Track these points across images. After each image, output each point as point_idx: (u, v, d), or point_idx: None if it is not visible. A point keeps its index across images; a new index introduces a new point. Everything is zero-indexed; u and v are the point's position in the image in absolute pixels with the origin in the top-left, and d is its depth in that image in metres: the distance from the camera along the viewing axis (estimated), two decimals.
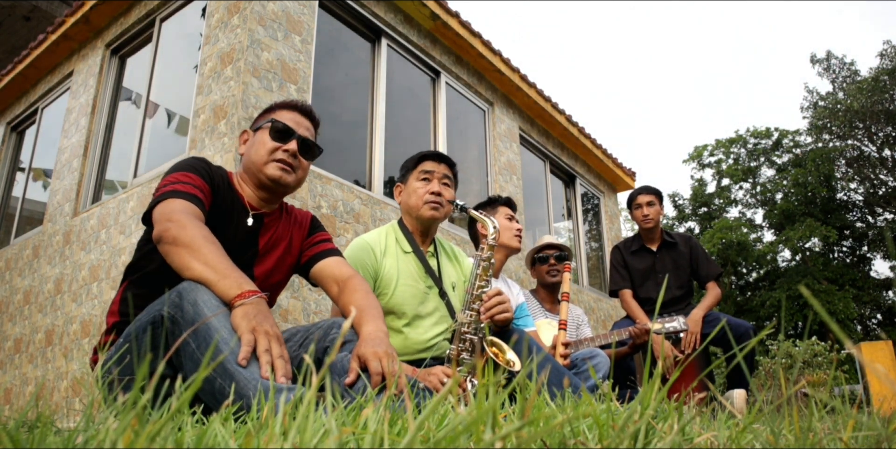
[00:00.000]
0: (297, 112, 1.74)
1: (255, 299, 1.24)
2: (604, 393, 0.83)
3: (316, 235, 1.79)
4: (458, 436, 0.46)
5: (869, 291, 21.99)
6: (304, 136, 1.70)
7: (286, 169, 1.65)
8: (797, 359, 12.91)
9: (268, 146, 1.66)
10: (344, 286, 1.61)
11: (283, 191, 1.70)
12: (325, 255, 1.73)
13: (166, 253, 1.34)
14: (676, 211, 27.49)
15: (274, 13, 4.17)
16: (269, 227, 1.70)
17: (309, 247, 1.76)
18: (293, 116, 1.72)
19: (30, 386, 4.61)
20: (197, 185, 1.51)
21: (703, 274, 3.56)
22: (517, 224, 2.77)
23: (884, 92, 21.45)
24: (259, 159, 1.66)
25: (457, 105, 6.06)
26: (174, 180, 1.50)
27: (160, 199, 1.44)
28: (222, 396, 1.11)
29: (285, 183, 1.66)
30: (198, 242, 1.31)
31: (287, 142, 1.67)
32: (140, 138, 4.77)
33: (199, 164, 1.59)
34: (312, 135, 1.76)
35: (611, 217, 8.69)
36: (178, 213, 1.38)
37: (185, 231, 1.33)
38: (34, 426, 0.82)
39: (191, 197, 1.46)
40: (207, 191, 1.54)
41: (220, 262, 1.30)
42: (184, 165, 1.56)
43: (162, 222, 1.37)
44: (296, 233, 1.76)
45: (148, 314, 1.31)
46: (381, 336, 1.38)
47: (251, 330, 1.18)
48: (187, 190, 1.47)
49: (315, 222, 1.84)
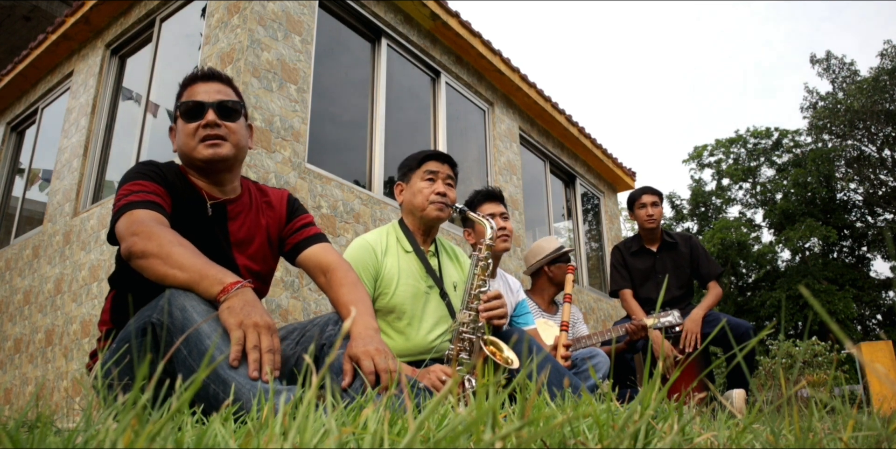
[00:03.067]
0: (200, 82, 1.61)
1: (238, 290, 1.22)
2: (604, 393, 0.83)
3: (297, 219, 1.72)
4: (458, 436, 0.46)
5: (869, 291, 22.00)
6: (215, 100, 1.57)
7: (214, 143, 1.55)
8: (797, 359, 12.91)
9: (187, 130, 1.56)
10: (331, 278, 1.57)
11: (224, 166, 1.59)
12: (310, 242, 1.67)
13: (140, 268, 1.31)
14: (674, 211, 27.50)
15: (274, 13, 4.17)
16: (236, 213, 1.63)
17: (291, 234, 1.69)
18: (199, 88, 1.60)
19: (30, 386, 4.61)
20: (151, 190, 1.46)
21: (703, 273, 3.56)
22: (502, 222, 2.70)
23: (884, 92, 21.45)
24: (186, 147, 1.57)
25: (457, 105, 6.06)
26: (127, 192, 1.44)
27: (118, 215, 1.39)
28: (217, 402, 1.11)
29: (221, 157, 1.55)
30: (166, 249, 1.27)
31: (202, 116, 1.55)
32: (140, 138, 4.77)
33: (148, 168, 1.52)
34: (228, 95, 1.62)
35: (611, 217, 8.69)
36: (140, 225, 1.33)
37: (151, 241, 1.29)
38: (34, 426, 0.82)
39: (149, 204, 1.41)
40: (164, 193, 1.49)
41: (193, 262, 1.26)
42: (132, 174, 1.50)
43: (127, 238, 1.33)
44: (272, 217, 1.70)
45: (138, 321, 1.29)
46: (371, 333, 1.36)
47: (238, 325, 1.16)
48: (143, 198, 1.42)
49: (293, 204, 1.75)
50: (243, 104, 1.66)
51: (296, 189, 3.97)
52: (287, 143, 4.00)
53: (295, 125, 4.10)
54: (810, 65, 23.99)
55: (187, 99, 1.59)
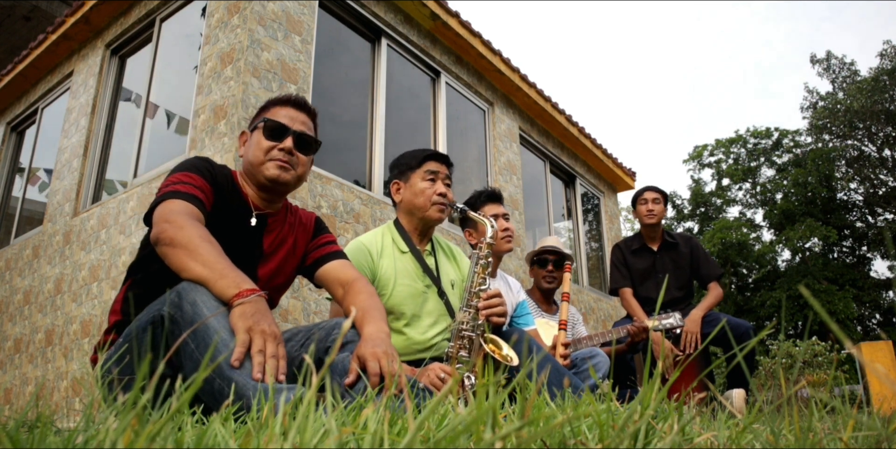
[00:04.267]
0: (290, 107, 1.70)
1: (253, 298, 1.24)
2: (604, 393, 0.83)
3: (321, 237, 1.78)
4: (458, 436, 0.46)
5: (869, 291, 22.00)
6: (299, 130, 1.67)
7: (284, 167, 1.63)
8: (797, 359, 12.91)
9: (263, 146, 1.64)
10: (349, 289, 1.61)
11: (283, 189, 1.68)
12: (330, 257, 1.72)
13: (164, 254, 1.34)
14: (675, 211, 27.51)
15: (274, 13, 4.17)
16: (273, 227, 1.69)
17: (314, 249, 1.75)
18: (287, 112, 1.68)
19: (30, 386, 4.61)
20: (198, 186, 1.50)
21: (704, 274, 3.56)
22: (505, 223, 2.72)
23: (884, 92, 21.46)
24: (256, 160, 1.64)
25: (457, 105, 6.07)
26: (175, 181, 1.49)
27: (160, 200, 1.43)
28: (221, 397, 1.12)
29: (284, 181, 1.64)
30: (195, 243, 1.30)
31: (282, 140, 1.64)
32: (140, 138, 4.77)
33: (202, 163, 1.58)
34: (310, 128, 1.73)
35: (611, 217, 8.69)
36: (176, 214, 1.37)
37: (182, 232, 1.32)
38: (34, 426, 0.82)
39: (190, 197, 1.45)
40: (209, 190, 1.53)
41: (217, 261, 1.29)
42: (186, 165, 1.55)
43: (159, 224, 1.36)
44: (300, 234, 1.76)
45: (148, 314, 1.31)
46: (383, 336, 1.38)
47: (247, 329, 1.17)
48: (187, 190, 1.46)
49: (319, 224, 1.82)
50: (320, 143, 1.76)
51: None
52: None
53: None
54: (810, 65, 24.02)
55: (273, 117, 1.66)
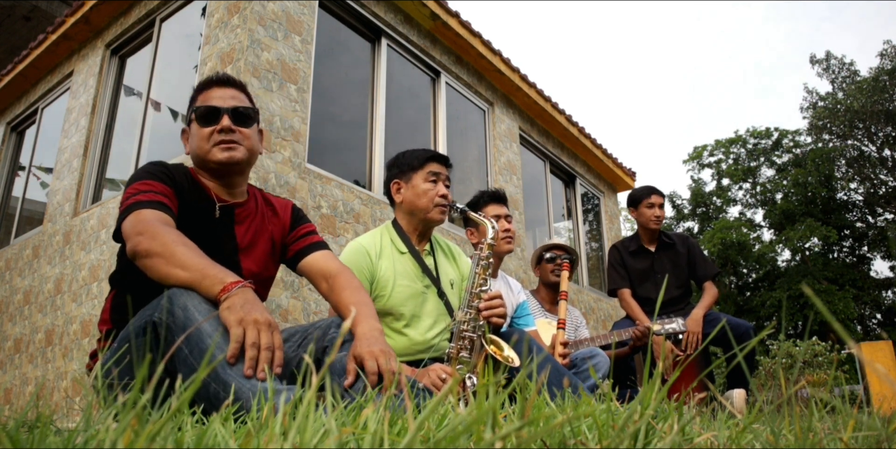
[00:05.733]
0: (215, 87, 1.66)
1: (238, 290, 1.23)
2: (604, 393, 0.83)
3: (300, 228, 1.75)
4: (458, 436, 0.46)
5: (869, 291, 22.00)
6: (231, 106, 1.62)
7: (229, 147, 1.60)
8: (797, 359, 12.91)
9: (202, 134, 1.61)
10: (333, 283, 1.59)
11: (239, 169, 1.64)
12: (312, 249, 1.70)
13: (144, 267, 1.33)
14: (675, 211, 27.51)
15: (274, 13, 4.17)
16: (243, 218, 1.66)
17: (294, 241, 1.72)
18: (214, 93, 1.64)
19: (30, 386, 4.61)
20: (159, 191, 1.47)
21: (700, 274, 3.57)
22: (507, 224, 2.72)
23: (884, 92, 21.46)
24: (201, 150, 1.61)
25: (457, 105, 6.06)
26: (134, 191, 1.46)
27: (125, 214, 1.41)
28: (217, 401, 1.11)
29: (236, 161, 1.60)
30: (169, 248, 1.29)
31: (218, 121, 1.60)
32: (140, 138, 4.77)
33: (156, 168, 1.55)
34: (242, 101, 1.67)
35: (611, 217, 8.69)
36: (146, 224, 1.35)
37: (156, 241, 1.31)
38: (34, 426, 0.82)
39: (156, 204, 1.43)
40: (171, 193, 1.51)
41: (196, 262, 1.28)
42: (141, 174, 1.52)
43: (132, 237, 1.35)
44: (276, 224, 1.73)
45: (140, 319, 1.30)
46: (376, 334, 1.37)
47: (239, 322, 1.16)
48: (150, 198, 1.44)
49: (297, 213, 1.79)
50: (257, 110, 1.70)
51: (296, 189, 3.97)
52: (287, 143, 4.00)
53: (295, 125, 4.10)
54: (810, 65, 24.00)
55: (202, 103, 1.63)
